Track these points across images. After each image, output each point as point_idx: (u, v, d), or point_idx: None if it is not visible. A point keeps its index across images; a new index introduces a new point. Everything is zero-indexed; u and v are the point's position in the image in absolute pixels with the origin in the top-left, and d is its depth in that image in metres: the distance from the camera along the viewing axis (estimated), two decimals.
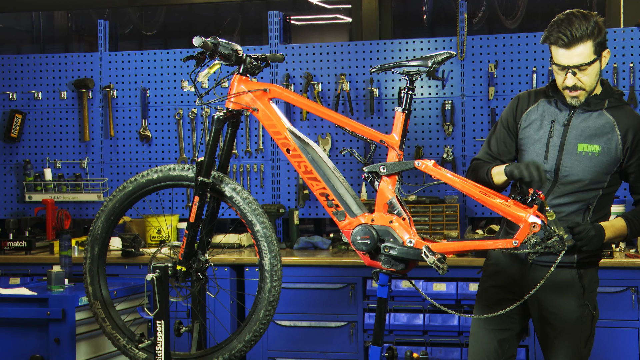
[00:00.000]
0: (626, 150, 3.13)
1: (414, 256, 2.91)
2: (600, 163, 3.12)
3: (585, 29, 2.98)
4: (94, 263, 3.31)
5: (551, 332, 3.26)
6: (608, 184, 3.17)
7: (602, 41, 3.03)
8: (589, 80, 3.06)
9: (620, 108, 3.15)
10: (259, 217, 3.10)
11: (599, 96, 3.15)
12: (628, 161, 3.14)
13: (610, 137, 3.12)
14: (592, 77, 3.06)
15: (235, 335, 3.17)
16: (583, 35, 2.99)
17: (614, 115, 3.13)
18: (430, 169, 2.96)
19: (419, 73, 2.99)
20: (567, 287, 3.19)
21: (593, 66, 3.03)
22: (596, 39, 3.00)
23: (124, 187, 3.27)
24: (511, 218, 2.87)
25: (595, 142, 3.12)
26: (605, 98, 3.14)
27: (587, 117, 3.14)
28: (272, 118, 3.13)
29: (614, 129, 3.12)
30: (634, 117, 3.15)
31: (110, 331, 3.30)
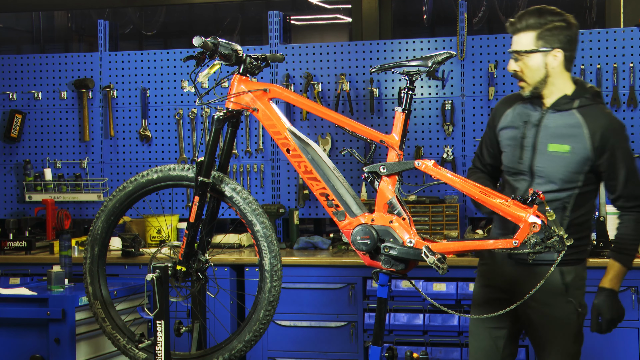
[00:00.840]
0: (595, 150, 3.13)
1: (414, 256, 2.91)
2: (570, 163, 3.14)
3: (533, 22, 3.09)
4: (94, 263, 3.31)
5: (538, 330, 3.27)
6: (583, 183, 3.17)
7: (550, 37, 3.09)
8: (529, 72, 3.13)
9: (592, 107, 3.17)
10: (259, 217, 3.10)
11: (569, 96, 3.18)
12: (598, 160, 3.14)
13: (579, 137, 3.13)
14: (533, 70, 3.13)
15: (235, 335, 3.17)
16: (528, 26, 3.09)
17: (584, 114, 3.15)
18: (430, 169, 2.96)
19: (419, 73, 2.99)
20: (550, 286, 3.16)
21: (532, 58, 3.11)
22: (543, 33, 3.09)
23: (124, 187, 3.27)
24: (511, 218, 2.87)
25: (565, 142, 3.14)
26: (577, 98, 3.17)
27: (557, 117, 3.17)
28: (272, 118, 3.13)
29: (582, 128, 3.13)
30: (603, 116, 3.15)
31: (110, 331, 3.30)
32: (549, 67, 3.13)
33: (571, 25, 3.15)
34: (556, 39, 3.10)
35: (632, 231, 3.19)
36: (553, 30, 3.10)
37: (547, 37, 3.10)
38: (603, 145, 3.12)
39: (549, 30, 3.10)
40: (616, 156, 3.13)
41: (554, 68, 3.13)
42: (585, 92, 3.19)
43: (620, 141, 3.14)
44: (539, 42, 3.10)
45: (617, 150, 3.13)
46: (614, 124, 3.16)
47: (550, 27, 3.10)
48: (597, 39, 5.28)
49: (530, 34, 3.10)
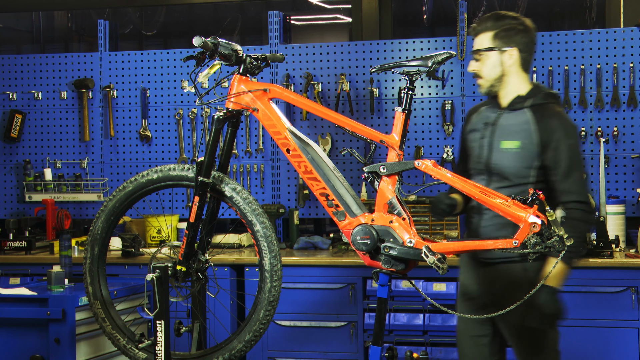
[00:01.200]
0: (542, 145, 3.21)
1: (414, 256, 2.91)
2: (520, 158, 3.23)
3: (491, 24, 3.30)
4: (94, 263, 3.31)
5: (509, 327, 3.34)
6: (536, 179, 3.25)
7: (506, 38, 3.28)
8: (486, 70, 3.33)
9: (543, 105, 3.30)
10: (259, 217, 3.10)
11: (522, 96, 3.32)
12: (543, 155, 3.22)
13: (528, 133, 3.23)
14: (489, 67, 3.32)
15: (235, 335, 3.17)
16: (486, 28, 3.31)
17: (535, 112, 3.26)
18: (430, 169, 2.96)
19: (419, 73, 2.99)
20: (517, 282, 3.24)
21: (489, 56, 3.29)
22: (499, 33, 3.28)
23: (124, 187, 3.27)
24: (511, 218, 2.88)
25: (515, 139, 3.25)
26: (530, 97, 3.31)
27: (511, 116, 3.30)
28: (272, 118, 3.13)
29: (531, 125, 3.24)
30: (552, 114, 3.26)
31: (110, 331, 3.30)
32: (504, 65, 3.30)
33: (528, 29, 3.33)
34: (512, 39, 3.29)
35: (572, 229, 3.07)
36: (509, 31, 3.29)
37: (503, 38, 3.28)
38: (548, 140, 3.22)
39: (505, 31, 3.29)
40: (559, 151, 3.21)
41: (509, 66, 3.30)
42: (540, 92, 3.33)
43: (565, 137, 3.22)
44: (495, 41, 3.29)
45: (561, 145, 3.21)
46: (562, 121, 3.26)
47: (507, 28, 3.29)
48: (597, 39, 5.28)
49: (488, 34, 3.30)
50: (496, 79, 3.33)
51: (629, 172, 5.25)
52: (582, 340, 4.67)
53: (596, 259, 4.68)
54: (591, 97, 5.28)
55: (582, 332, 4.66)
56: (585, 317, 4.66)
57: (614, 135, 5.23)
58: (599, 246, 4.72)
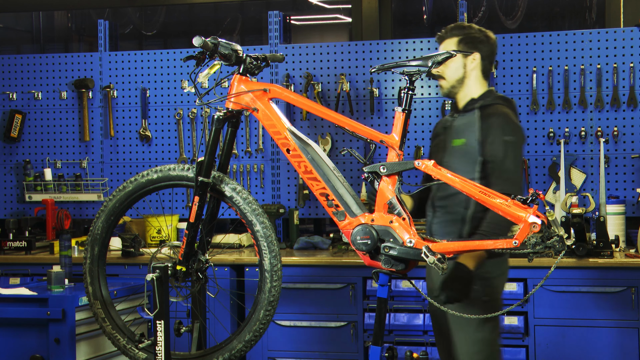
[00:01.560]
0: (483, 142, 3.36)
1: (414, 256, 2.91)
2: (465, 153, 3.38)
3: (457, 31, 3.53)
4: (94, 263, 3.31)
5: (445, 319, 3.48)
6: (480, 175, 3.37)
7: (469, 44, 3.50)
8: (449, 71, 3.51)
9: (491, 106, 3.48)
10: (259, 217, 3.10)
11: (475, 99, 3.52)
12: (483, 151, 3.35)
13: (473, 130, 3.42)
14: (452, 69, 3.50)
15: (235, 335, 3.17)
16: (451, 35, 3.53)
17: (482, 111, 3.46)
18: (430, 169, 2.96)
19: (419, 73, 2.99)
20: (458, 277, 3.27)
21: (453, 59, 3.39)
22: (464, 39, 3.50)
23: (124, 187, 3.27)
24: (511, 218, 2.88)
25: (462, 137, 3.40)
26: (481, 99, 3.50)
27: (462, 118, 3.48)
28: (272, 118, 3.13)
29: (476, 122, 3.43)
30: (497, 113, 3.44)
31: (110, 331, 3.30)
32: (466, 68, 3.51)
33: (489, 39, 3.56)
34: (476, 46, 3.51)
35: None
36: (473, 39, 3.52)
37: (468, 43, 3.51)
38: (487, 135, 3.38)
39: (470, 38, 3.52)
40: (495, 145, 3.34)
41: (471, 70, 3.51)
42: (491, 95, 3.53)
43: (502, 134, 3.37)
44: (460, 45, 3.50)
45: (496, 140, 3.35)
46: (504, 119, 3.41)
47: (471, 36, 3.52)
48: (597, 39, 5.28)
49: (453, 40, 3.52)
50: (457, 81, 3.52)
51: (629, 172, 5.25)
52: (582, 340, 4.67)
53: (596, 259, 4.68)
54: (591, 97, 5.28)
55: (582, 332, 4.67)
56: (585, 317, 4.66)
57: (614, 135, 5.23)
58: (599, 246, 4.72)
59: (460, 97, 3.56)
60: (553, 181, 5.30)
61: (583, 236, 4.71)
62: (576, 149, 5.30)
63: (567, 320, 4.70)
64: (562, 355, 4.70)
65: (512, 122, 3.44)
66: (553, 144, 5.33)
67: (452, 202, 3.45)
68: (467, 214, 3.41)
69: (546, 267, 4.50)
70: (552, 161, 5.31)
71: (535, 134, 5.37)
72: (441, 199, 3.51)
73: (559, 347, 4.69)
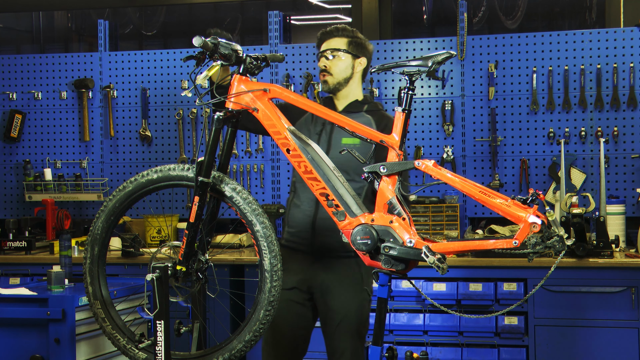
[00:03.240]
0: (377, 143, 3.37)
1: (414, 256, 2.91)
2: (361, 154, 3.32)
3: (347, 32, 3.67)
4: (94, 263, 3.31)
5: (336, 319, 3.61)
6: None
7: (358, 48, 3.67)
8: (337, 69, 3.65)
9: (378, 111, 3.73)
10: (259, 217, 3.10)
11: (360, 101, 3.72)
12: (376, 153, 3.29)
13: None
14: (342, 68, 3.65)
15: (235, 335, 3.17)
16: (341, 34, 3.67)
17: (372, 115, 3.68)
18: (430, 169, 2.96)
19: (419, 73, 2.99)
20: (349, 276, 3.60)
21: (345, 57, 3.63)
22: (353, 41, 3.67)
23: (124, 187, 3.27)
24: (511, 218, 2.87)
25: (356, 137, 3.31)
26: (365, 103, 3.72)
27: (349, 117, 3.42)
28: (272, 118, 3.13)
29: (371, 125, 3.61)
30: (387, 117, 3.69)
31: (110, 331, 3.30)
32: (355, 69, 3.68)
33: (370, 48, 3.76)
34: (363, 51, 3.70)
35: None
36: (360, 43, 3.70)
37: (357, 46, 3.68)
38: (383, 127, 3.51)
39: (358, 41, 3.69)
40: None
41: (357, 72, 3.69)
42: (371, 101, 3.76)
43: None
44: (350, 47, 3.66)
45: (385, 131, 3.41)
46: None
47: (359, 40, 3.69)
48: (597, 39, 5.28)
49: (343, 39, 3.66)
50: (345, 79, 3.67)
51: (629, 172, 5.25)
52: (582, 340, 4.67)
53: (596, 259, 4.68)
54: (591, 97, 5.28)
55: (582, 332, 4.67)
56: (585, 317, 4.66)
57: (614, 135, 5.23)
58: (599, 246, 4.72)
59: (342, 96, 3.70)
60: (553, 181, 5.30)
61: (583, 236, 4.71)
62: (576, 149, 5.30)
63: (567, 320, 4.70)
64: (562, 355, 4.70)
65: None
66: (553, 144, 5.33)
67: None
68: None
69: (546, 267, 4.50)
70: (552, 161, 5.32)
71: (535, 134, 5.37)
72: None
73: (559, 347, 4.69)
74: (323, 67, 3.66)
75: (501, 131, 5.41)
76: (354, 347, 3.66)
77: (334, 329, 3.65)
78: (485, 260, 4.78)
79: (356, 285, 3.63)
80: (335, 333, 3.66)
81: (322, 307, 3.68)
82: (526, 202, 2.87)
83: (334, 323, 3.65)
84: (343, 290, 3.61)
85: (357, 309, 3.63)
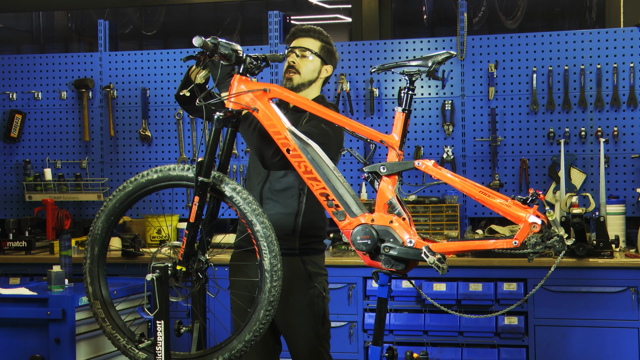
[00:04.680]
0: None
1: (414, 256, 2.91)
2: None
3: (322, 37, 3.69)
4: (94, 263, 3.31)
5: (288, 316, 3.60)
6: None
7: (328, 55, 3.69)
8: (306, 70, 3.65)
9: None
10: (259, 217, 3.10)
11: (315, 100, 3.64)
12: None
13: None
14: (310, 70, 3.66)
15: (235, 335, 3.17)
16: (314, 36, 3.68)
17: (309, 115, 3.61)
18: (430, 169, 2.96)
19: (419, 73, 2.99)
20: (294, 273, 3.57)
21: (315, 60, 3.64)
22: (325, 47, 3.69)
23: (124, 187, 3.27)
24: (511, 218, 2.87)
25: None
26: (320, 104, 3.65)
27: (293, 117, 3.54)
28: (272, 118, 3.13)
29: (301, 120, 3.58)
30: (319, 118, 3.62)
31: (110, 331, 3.30)
32: (320, 74, 3.69)
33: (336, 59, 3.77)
34: (331, 59, 3.72)
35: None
36: (331, 51, 3.73)
37: (327, 53, 3.71)
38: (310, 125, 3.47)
39: (329, 48, 3.71)
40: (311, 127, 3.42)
41: (321, 78, 3.71)
42: (323, 101, 3.69)
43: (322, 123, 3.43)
44: (322, 52, 3.68)
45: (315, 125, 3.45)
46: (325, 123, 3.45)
47: (330, 48, 3.73)
48: (597, 39, 5.28)
49: (317, 42, 3.68)
50: (308, 82, 3.67)
51: (629, 172, 5.25)
52: (582, 340, 4.67)
53: (596, 259, 4.68)
54: (591, 97, 5.28)
55: (582, 332, 4.67)
56: (585, 317, 4.67)
57: (614, 135, 5.23)
58: (599, 246, 4.72)
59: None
60: (553, 181, 5.31)
61: (583, 236, 4.71)
62: (576, 149, 5.30)
63: (567, 320, 4.70)
64: (562, 355, 4.70)
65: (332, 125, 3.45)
66: (553, 144, 5.33)
67: (285, 195, 3.60)
68: (301, 209, 3.59)
69: (546, 267, 4.50)
70: (552, 161, 5.32)
71: (535, 134, 5.37)
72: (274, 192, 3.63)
73: (559, 347, 4.69)
74: (292, 62, 3.63)
75: (501, 131, 5.41)
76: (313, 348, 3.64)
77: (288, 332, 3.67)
78: (485, 260, 4.78)
79: (303, 283, 3.61)
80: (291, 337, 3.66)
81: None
82: (526, 202, 2.87)
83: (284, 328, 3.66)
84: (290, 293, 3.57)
85: (307, 309, 3.61)
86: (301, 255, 3.62)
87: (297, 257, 3.60)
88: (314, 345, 3.63)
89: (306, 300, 3.60)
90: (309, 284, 3.62)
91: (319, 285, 3.64)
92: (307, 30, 3.69)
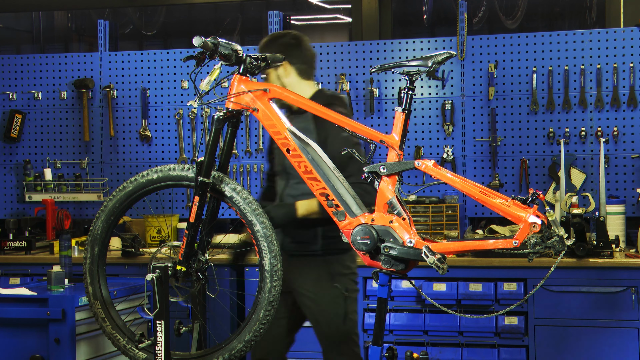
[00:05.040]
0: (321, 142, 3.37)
1: (414, 256, 2.91)
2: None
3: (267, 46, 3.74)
4: (94, 263, 3.31)
5: (314, 313, 3.68)
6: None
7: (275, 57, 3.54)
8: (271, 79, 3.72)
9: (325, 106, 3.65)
10: (259, 217, 3.10)
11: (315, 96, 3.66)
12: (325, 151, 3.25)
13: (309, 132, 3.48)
14: (272, 78, 3.71)
15: (235, 335, 3.17)
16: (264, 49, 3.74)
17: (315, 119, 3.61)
18: (430, 169, 2.96)
19: (419, 73, 2.99)
20: (316, 273, 3.63)
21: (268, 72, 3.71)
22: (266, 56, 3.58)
23: (124, 187, 3.27)
24: (511, 218, 2.87)
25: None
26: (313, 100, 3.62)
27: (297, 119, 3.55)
28: (272, 118, 3.13)
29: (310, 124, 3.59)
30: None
31: (110, 331, 3.30)
32: (281, 78, 3.70)
33: (300, 42, 3.74)
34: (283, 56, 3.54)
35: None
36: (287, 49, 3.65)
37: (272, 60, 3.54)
38: (326, 135, 3.51)
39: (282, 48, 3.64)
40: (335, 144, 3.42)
41: (288, 77, 3.70)
42: (323, 95, 3.67)
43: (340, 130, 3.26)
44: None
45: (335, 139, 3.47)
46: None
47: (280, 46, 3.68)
48: (597, 39, 5.28)
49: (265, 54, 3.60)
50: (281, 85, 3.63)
51: (629, 172, 5.25)
52: (582, 340, 4.67)
53: (596, 259, 4.68)
54: (591, 97, 5.28)
55: (582, 332, 4.67)
56: (585, 317, 4.67)
57: (614, 135, 5.23)
58: (599, 246, 4.72)
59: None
60: (553, 181, 5.30)
61: (583, 236, 4.71)
62: (576, 149, 5.30)
63: (567, 320, 4.70)
64: (562, 355, 4.70)
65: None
66: (553, 144, 5.33)
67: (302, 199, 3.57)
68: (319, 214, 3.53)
69: (546, 267, 4.50)
70: (552, 161, 5.32)
71: (535, 134, 5.37)
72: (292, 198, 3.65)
73: (559, 347, 4.69)
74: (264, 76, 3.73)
75: (501, 131, 5.41)
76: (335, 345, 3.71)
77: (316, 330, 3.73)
78: (485, 260, 4.78)
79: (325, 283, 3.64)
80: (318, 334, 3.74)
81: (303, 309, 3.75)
82: (526, 202, 2.87)
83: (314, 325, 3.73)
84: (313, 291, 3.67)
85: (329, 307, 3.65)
86: (325, 255, 3.65)
87: (319, 258, 3.65)
88: (337, 342, 3.70)
89: (327, 300, 3.65)
90: (330, 284, 3.65)
91: (341, 285, 3.65)
92: (261, 46, 3.79)
